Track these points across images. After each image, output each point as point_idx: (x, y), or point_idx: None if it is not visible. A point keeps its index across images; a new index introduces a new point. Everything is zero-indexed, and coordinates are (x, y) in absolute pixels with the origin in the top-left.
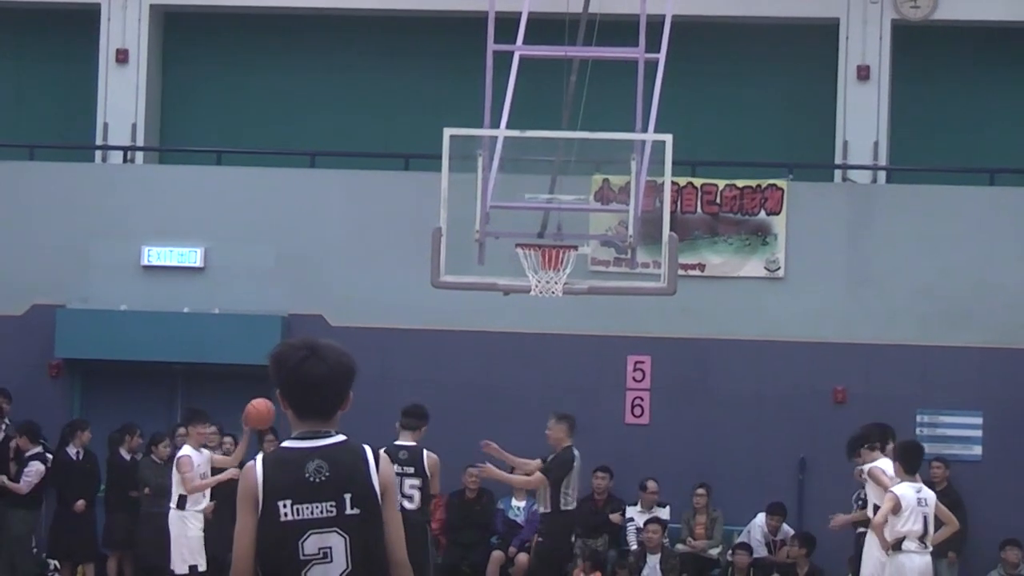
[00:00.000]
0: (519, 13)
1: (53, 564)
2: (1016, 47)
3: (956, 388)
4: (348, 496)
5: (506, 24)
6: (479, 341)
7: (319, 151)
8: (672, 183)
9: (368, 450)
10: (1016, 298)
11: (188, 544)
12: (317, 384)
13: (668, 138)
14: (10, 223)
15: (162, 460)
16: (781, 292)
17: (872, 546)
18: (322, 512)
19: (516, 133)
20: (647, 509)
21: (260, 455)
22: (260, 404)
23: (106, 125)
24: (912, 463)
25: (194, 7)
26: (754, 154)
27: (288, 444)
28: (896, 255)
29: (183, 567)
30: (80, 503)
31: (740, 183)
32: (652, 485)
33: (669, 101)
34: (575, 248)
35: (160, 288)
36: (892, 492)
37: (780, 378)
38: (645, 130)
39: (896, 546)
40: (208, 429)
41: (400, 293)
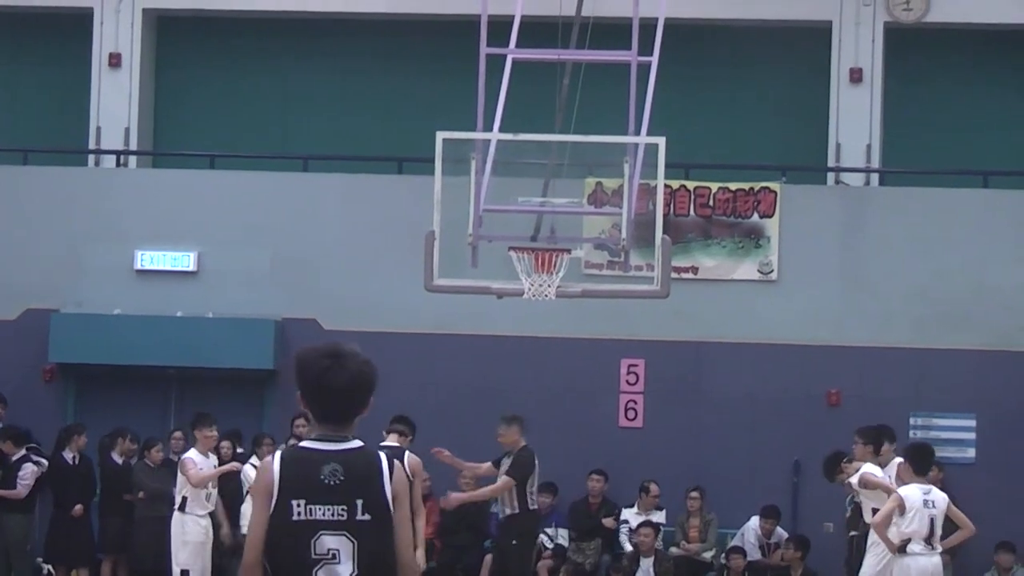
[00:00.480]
0: (512, 16)
1: (47, 569)
2: (1009, 49)
3: (950, 391)
4: (360, 502)
5: (499, 27)
6: (472, 345)
7: (312, 155)
8: (665, 186)
9: (384, 458)
10: (1010, 300)
11: (184, 548)
12: (339, 392)
13: (661, 141)
14: (3, 227)
15: (156, 464)
16: (774, 295)
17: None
18: (333, 515)
19: (509, 136)
20: (646, 512)
21: (278, 451)
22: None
23: (99, 129)
24: (922, 464)
25: (187, 11)
26: (747, 157)
27: (307, 444)
28: (889, 258)
29: (175, 571)
30: (78, 508)
31: (733, 186)
32: (654, 488)
33: (662, 104)
34: (568, 251)
35: (154, 292)
36: (897, 493)
37: (774, 381)
38: (638, 133)
39: (902, 548)
40: (212, 432)
41: (394, 296)
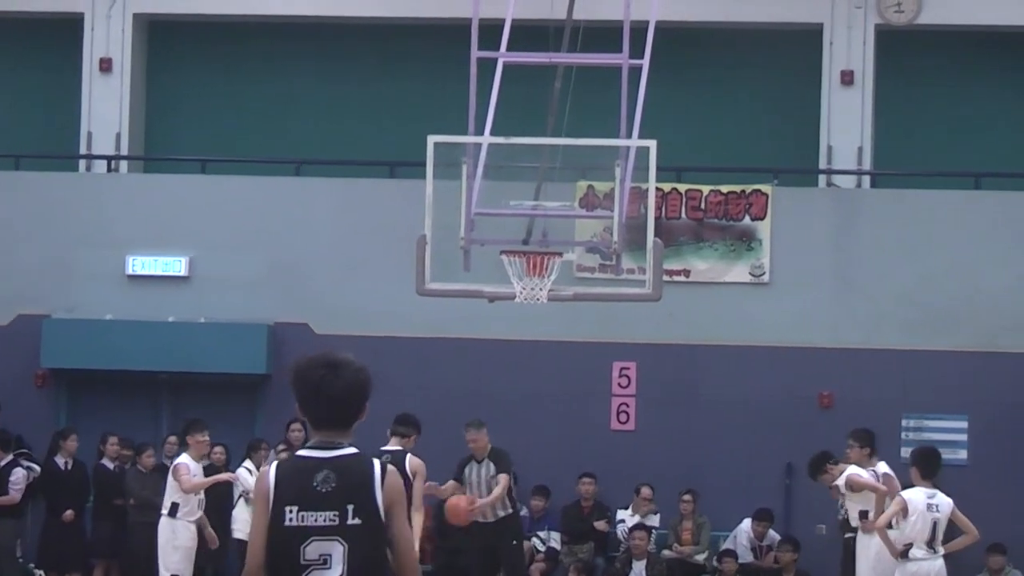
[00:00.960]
0: (503, 20)
1: (39, 574)
2: (1000, 51)
3: (941, 392)
4: (351, 507)
5: (490, 31)
6: (464, 349)
7: (304, 159)
8: (657, 189)
9: (377, 464)
10: (1001, 302)
11: (174, 553)
12: (334, 400)
13: (652, 144)
14: None
15: (148, 470)
16: (766, 297)
17: (866, 549)
18: (325, 520)
19: (501, 140)
20: (641, 514)
21: (275, 461)
22: (459, 509)
23: (90, 134)
24: (928, 468)
25: (178, 15)
26: (739, 159)
27: (302, 453)
28: (881, 260)
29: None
30: (69, 513)
31: (725, 188)
32: (646, 491)
33: (653, 107)
34: (560, 255)
35: (145, 297)
36: (900, 496)
37: (766, 383)
38: (629, 136)
39: (904, 553)
40: (205, 437)
41: (386, 301)
